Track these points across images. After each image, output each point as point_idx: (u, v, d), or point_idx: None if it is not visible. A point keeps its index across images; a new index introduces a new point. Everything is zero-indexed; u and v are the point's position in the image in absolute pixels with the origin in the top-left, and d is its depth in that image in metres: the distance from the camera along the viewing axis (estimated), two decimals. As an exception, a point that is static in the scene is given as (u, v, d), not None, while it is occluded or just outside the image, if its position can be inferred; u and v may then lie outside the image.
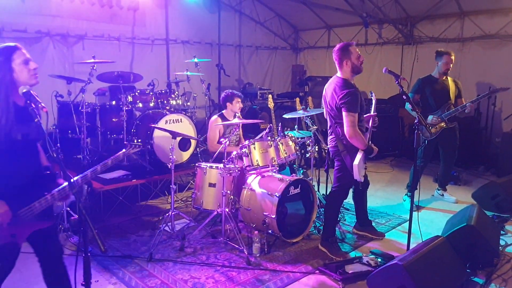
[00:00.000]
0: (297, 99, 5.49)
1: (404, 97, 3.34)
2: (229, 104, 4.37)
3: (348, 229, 4.10)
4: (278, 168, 3.99)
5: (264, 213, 3.54)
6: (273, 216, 3.49)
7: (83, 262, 1.80)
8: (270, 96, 5.22)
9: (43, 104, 1.97)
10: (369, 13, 7.52)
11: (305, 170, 4.97)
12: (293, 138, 4.14)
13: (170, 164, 3.48)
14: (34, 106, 1.95)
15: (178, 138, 4.58)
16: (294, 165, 4.64)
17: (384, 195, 5.29)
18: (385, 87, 8.07)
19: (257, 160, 3.74)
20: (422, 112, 4.73)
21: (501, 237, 3.88)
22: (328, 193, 4.01)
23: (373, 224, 4.09)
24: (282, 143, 3.96)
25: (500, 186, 4.53)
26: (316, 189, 4.71)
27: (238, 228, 3.73)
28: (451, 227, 3.48)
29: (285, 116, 4.51)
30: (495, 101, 6.71)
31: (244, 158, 3.75)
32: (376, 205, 4.84)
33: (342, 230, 4.03)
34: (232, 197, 3.74)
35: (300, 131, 4.61)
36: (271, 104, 5.08)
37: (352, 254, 3.56)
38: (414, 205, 4.75)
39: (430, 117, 4.65)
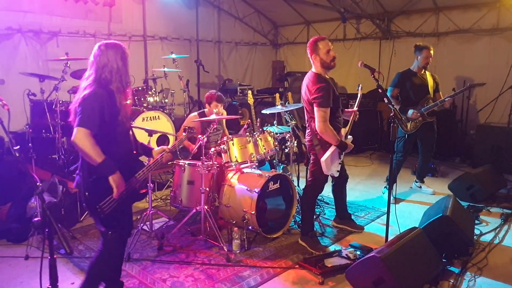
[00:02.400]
0: (277, 95, 5.48)
1: (380, 90, 3.37)
2: (207, 105, 4.32)
3: (328, 223, 4.14)
4: (257, 164, 3.98)
5: (244, 210, 3.53)
6: (253, 212, 3.48)
7: (48, 264, 1.75)
8: (249, 92, 5.20)
9: (4, 102, 1.91)
10: (347, 8, 7.58)
11: (285, 166, 4.98)
12: (272, 133, 4.13)
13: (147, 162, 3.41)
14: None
15: (156, 136, 4.52)
16: (274, 161, 4.64)
17: (364, 188, 5.36)
18: (363, 82, 8.08)
19: (235, 157, 3.72)
20: (402, 105, 4.80)
21: (476, 226, 3.98)
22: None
23: (353, 217, 4.12)
24: (261, 139, 3.95)
25: (474, 177, 4.64)
26: (296, 184, 4.74)
27: (218, 225, 3.71)
28: (427, 218, 3.54)
29: (264, 111, 4.50)
30: (470, 94, 6.86)
31: (222, 154, 3.72)
32: (356, 199, 4.89)
33: (322, 224, 4.06)
34: (211, 194, 3.72)
35: (279, 127, 4.61)
36: (250, 100, 5.06)
37: (332, 248, 3.59)
38: (392, 198, 4.87)
39: (410, 112, 4.70)
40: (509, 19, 6.47)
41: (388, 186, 4.89)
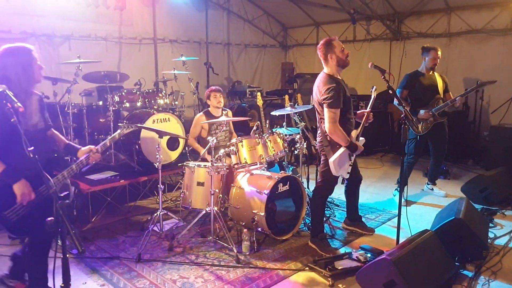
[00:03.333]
0: (286, 97, 5.47)
1: (391, 91, 3.34)
2: (208, 101, 4.41)
3: (338, 225, 4.11)
4: (266, 166, 3.97)
5: (253, 211, 3.53)
6: (262, 214, 3.48)
7: (61, 264, 1.77)
8: (259, 93, 5.21)
9: (19, 104, 1.94)
10: (357, 10, 7.54)
11: (294, 167, 4.96)
12: (281, 135, 4.12)
13: (158, 163, 3.44)
14: (10, 106, 1.92)
15: (166, 138, 4.55)
16: (284, 162, 4.63)
17: (375, 190, 5.31)
18: (374, 83, 8.00)
19: (245, 158, 3.73)
20: (412, 107, 4.75)
21: (490, 230, 3.91)
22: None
23: (363, 219, 4.10)
24: (270, 141, 3.94)
25: (488, 179, 4.57)
26: (305, 186, 4.72)
27: (227, 226, 3.71)
28: (439, 221, 3.50)
29: (273, 113, 4.50)
30: (483, 95, 6.77)
31: (232, 156, 3.73)
32: (366, 201, 4.85)
33: (332, 226, 4.03)
34: (221, 195, 3.72)
35: (288, 128, 4.60)
36: (260, 101, 5.07)
37: (342, 250, 3.56)
38: (404, 200, 4.82)
39: (421, 112, 4.65)
40: (523, 19, 6.38)
41: (399, 188, 4.86)
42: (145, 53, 7.26)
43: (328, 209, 4.49)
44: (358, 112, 3.66)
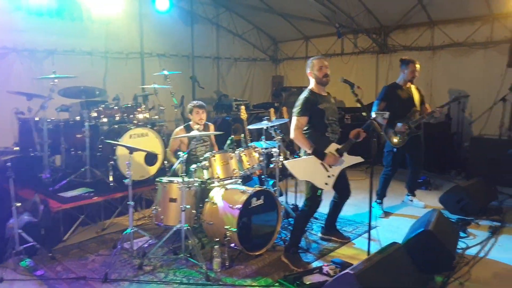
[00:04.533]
0: (272, 110, 5.50)
1: (360, 105, 3.40)
2: (190, 115, 4.41)
3: (315, 238, 4.11)
4: (241, 180, 3.98)
5: (225, 227, 3.52)
6: (234, 229, 3.47)
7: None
8: (242, 107, 5.22)
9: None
10: (342, 24, 7.64)
11: (275, 181, 4.97)
12: (257, 149, 4.14)
13: (128, 180, 3.43)
14: None
15: (144, 153, 4.55)
16: (263, 176, 4.64)
17: (355, 202, 5.26)
18: (360, 96, 8.17)
19: (217, 173, 3.73)
20: (389, 119, 4.77)
21: (462, 240, 3.93)
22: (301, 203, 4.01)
23: (342, 231, 4.14)
24: (245, 154, 3.96)
25: (464, 190, 4.60)
26: (284, 199, 4.73)
27: (202, 243, 3.71)
28: (411, 232, 3.50)
29: (249, 127, 4.53)
30: (464, 106, 6.82)
31: (204, 171, 3.73)
32: (346, 213, 4.82)
33: (309, 240, 4.03)
34: (194, 211, 3.72)
35: (267, 142, 4.62)
36: (243, 115, 5.08)
37: (316, 264, 3.55)
38: (382, 212, 4.83)
39: (399, 124, 4.67)
40: (502, 33, 6.46)
41: (378, 201, 4.87)
42: (132, 68, 7.32)
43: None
44: (352, 131, 3.66)
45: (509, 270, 3.38)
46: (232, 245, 3.57)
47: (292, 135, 3.51)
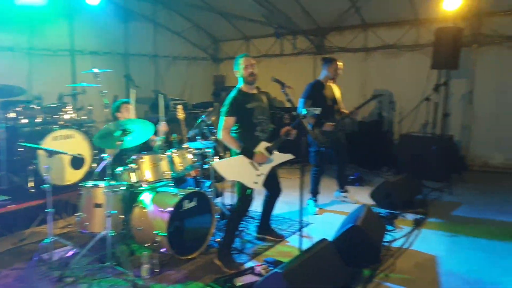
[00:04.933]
0: (210, 109, 5.42)
1: (290, 105, 3.45)
2: (119, 114, 4.17)
3: (250, 238, 4.10)
4: (173, 182, 3.86)
5: (155, 231, 3.39)
6: (164, 234, 3.35)
7: None
8: (179, 106, 5.08)
9: None
10: (280, 25, 7.73)
11: (212, 182, 4.90)
12: (191, 149, 4.04)
13: (46, 185, 3.19)
14: None
15: (68, 156, 4.28)
16: (199, 177, 4.55)
17: (291, 200, 5.35)
18: (291, 95, 8.34)
19: (146, 175, 3.59)
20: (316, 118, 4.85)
21: (390, 233, 4.11)
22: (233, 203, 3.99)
23: (276, 230, 4.17)
24: (177, 156, 3.85)
25: (392, 185, 4.83)
26: (220, 200, 4.68)
27: (130, 250, 3.54)
28: (341, 228, 3.60)
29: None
30: (395, 106, 7.20)
31: (131, 174, 3.57)
32: (281, 211, 4.89)
33: (244, 240, 4.01)
34: (122, 217, 3.55)
35: (203, 142, 4.54)
36: (180, 115, 4.95)
37: (250, 264, 3.54)
38: (317, 208, 4.93)
39: (325, 123, 4.72)
40: (427, 36, 6.89)
41: (313, 198, 4.97)
42: (61, 66, 6.89)
43: (243, 222, 4.48)
44: (283, 129, 3.67)
45: (429, 259, 3.58)
46: (163, 250, 3.44)
47: (219, 135, 3.49)
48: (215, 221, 3.86)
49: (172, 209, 3.40)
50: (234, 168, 3.41)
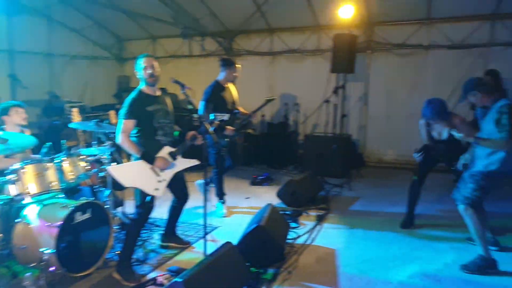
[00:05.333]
0: (111, 112, 5.06)
1: (190, 106, 3.36)
2: (6, 118, 3.70)
3: (155, 247, 3.91)
4: (63, 194, 3.52)
5: (41, 249, 3.04)
6: (53, 251, 3.02)
7: None
8: (75, 110, 4.65)
9: None
10: (187, 25, 7.58)
11: (112, 190, 4.58)
12: (84, 156, 3.72)
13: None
14: None
15: None
16: (95, 186, 4.21)
17: (198, 204, 5.27)
18: (191, 97, 8.24)
19: (28, 187, 3.21)
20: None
21: (294, 230, 4.25)
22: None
23: (182, 236, 4.04)
24: (68, 164, 3.51)
25: (296, 183, 5.00)
26: (121, 209, 4.40)
27: (12, 272, 3.13)
28: (246, 230, 3.60)
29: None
30: (299, 107, 7.52)
31: (9, 186, 3.16)
32: (187, 216, 4.75)
33: (146, 250, 3.81)
34: (0, 235, 3.12)
35: (99, 148, 4.21)
36: (76, 118, 4.54)
37: (153, 275, 3.36)
38: (226, 210, 4.89)
39: (225, 127, 4.66)
40: (327, 42, 7.31)
41: (221, 201, 4.93)
42: None
43: (147, 231, 4.27)
44: (189, 133, 3.55)
45: (329, 253, 3.77)
46: (52, 269, 3.10)
47: (117, 139, 3.26)
48: (114, 232, 3.60)
49: (62, 222, 3.08)
50: (132, 173, 3.21)
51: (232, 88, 4.87)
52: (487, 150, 3.26)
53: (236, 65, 4.77)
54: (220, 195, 4.92)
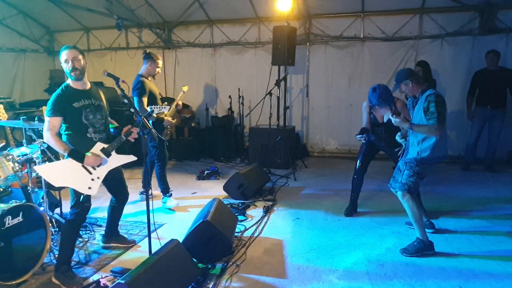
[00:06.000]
0: (43, 108, 4.70)
1: (126, 100, 3.21)
2: None
3: (97, 248, 3.73)
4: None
5: (-34, 258, 2.78)
6: (-20, 259, 2.78)
7: None
8: (0, 106, 4.27)
9: None
10: (121, 16, 7.25)
11: (48, 190, 4.29)
12: (11, 156, 3.44)
13: None
14: None
15: None
16: (28, 187, 3.91)
17: (142, 201, 5.12)
18: (126, 91, 7.98)
19: None
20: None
21: (242, 223, 4.26)
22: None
23: (126, 235, 3.90)
24: (-7, 165, 3.23)
25: (243, 176, 5.00)
26: (59, 211, 4.15)
27: None
28: (192, 226, 3.55)
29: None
30: (243, 100, 7.53)
31: None
32: (130, 214, 4.60)
33: (89, 251, 3.63)
34: None
35: (29, 146, 3.92)
36: (2, 116, 4.17)
37: (97, 277, 3.20)
38: (175, 202, 4.79)
39: (166, 121, 4.62)
40: (267, 34, 7.37)
41: (168, 195, 4.82)
42: None
43: (88, 231, 4.07)
44: (124, 128, 3.38)
45: (275, 243, 3.82)
46: (-20, 279, 2.86)
47: (44, 137, 3.09)
48: (51, 235, 3.38)
49: (-12, 229, 2.84)
50: (61, 172, 3.03)
51: (152, 82, 4.75)
52: (419, 137, 3.45)
53: (159, 60, 4.65)
54: (166, 189, 4.82)
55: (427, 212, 4.14)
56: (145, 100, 4.46)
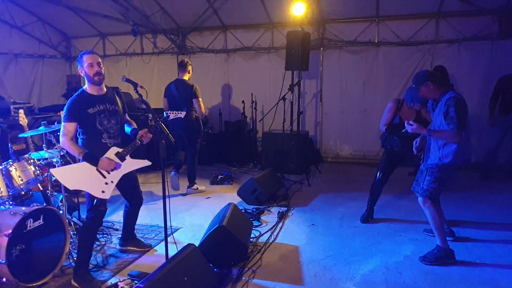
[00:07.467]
0: (61, 113, 4.80)
1: (144, 106, 3.26)
2: None
3: (114, 252, 3.78)
4: (11, 200, 3.30)
5: (-11, 260, 2.84)
6: (3, 261, 2.84)
7: None
8: (21, 111, 4.38)
9: None
10: (137, 22, 7.37)
11: (67, 194, 4.36)
12: (33, 160, 3.51)
13: None
14: None
15: None
16: (48, 191, 3.99)
17: (159, 206, 5.15)
18: (144, 96, 8.10)
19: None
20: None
21: (256, 228, 4.26)
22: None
23: (142, 240, 3.93)
24: (15, 168, 3.30)
25: (256, 181, 5.00)
26: (77, 214, 4.22)
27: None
28: (208, 231, 3.56)
29: (22, 135, 3.83)
30: (256, 105, 7.55)
31: None
32: (145, 221, 4.62)
33: (106, 255, 3.68)
34: None
35: (49, 150, 4.00)
36: (23, 120, 4.28)
37: (114, 280, 3.24)
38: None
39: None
40: (281, 39, 7.40)
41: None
42: None
43: (106, 235, 4.12)
44: (140, 131, 3.42)
45: (291, 250, 3.80)
46: (3, 280, 2.91)
47: (60, 142, 3.18)
48: (70, 238, 3.43)
49: (11, 231, 2.90)
50: (76, 176, 3.08)
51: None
52: (440, 143, 3.37)
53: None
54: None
55: (446, 220, 4.07)
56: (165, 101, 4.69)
